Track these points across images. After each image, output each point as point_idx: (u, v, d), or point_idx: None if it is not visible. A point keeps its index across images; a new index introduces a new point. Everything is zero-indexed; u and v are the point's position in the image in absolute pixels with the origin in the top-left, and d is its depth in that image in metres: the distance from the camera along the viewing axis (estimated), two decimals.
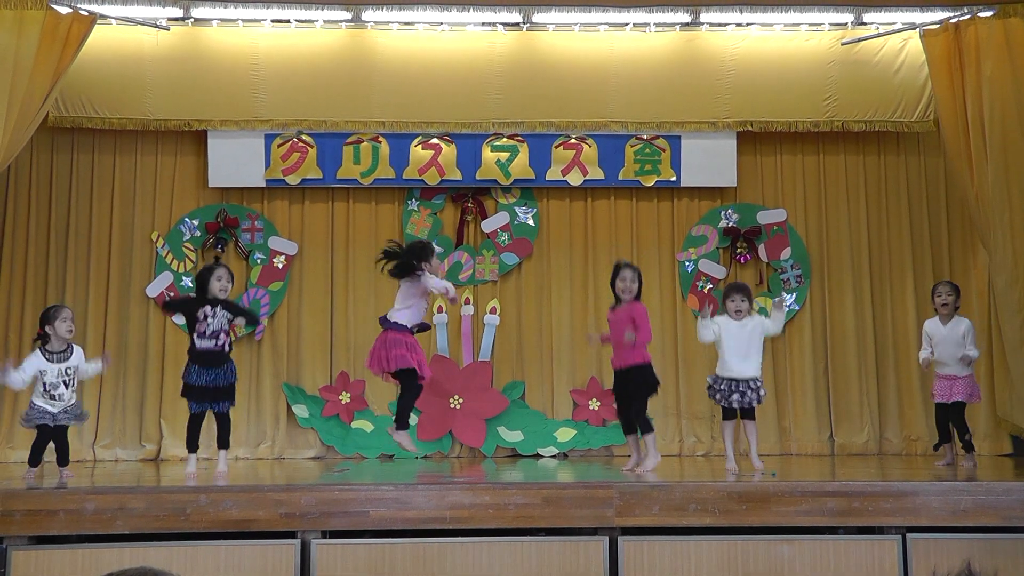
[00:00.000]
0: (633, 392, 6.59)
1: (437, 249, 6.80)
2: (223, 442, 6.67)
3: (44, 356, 6.59)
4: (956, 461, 7.20)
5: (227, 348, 6.60)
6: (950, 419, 7.15)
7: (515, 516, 5.44)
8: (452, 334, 8.87)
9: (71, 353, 6.68)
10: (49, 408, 6.57)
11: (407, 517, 5.43)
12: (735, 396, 6.62)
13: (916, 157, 9.08)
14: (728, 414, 6.73)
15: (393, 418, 6.76)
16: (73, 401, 6.70)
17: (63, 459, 6.68)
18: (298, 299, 8.83)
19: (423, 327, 6.75)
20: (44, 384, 6.55)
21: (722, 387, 6.67)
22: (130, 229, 8.73)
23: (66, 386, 6.59)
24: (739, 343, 6.64)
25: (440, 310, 8.80)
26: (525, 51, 8.74)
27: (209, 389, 6.53)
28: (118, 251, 8.68)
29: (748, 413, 6.71)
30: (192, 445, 6.67)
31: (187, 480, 6.19)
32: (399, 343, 6.43)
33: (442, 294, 6.59)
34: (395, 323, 6.48)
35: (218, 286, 6.57)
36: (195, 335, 6.53)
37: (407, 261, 6.50)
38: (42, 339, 6.66)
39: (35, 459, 6.68)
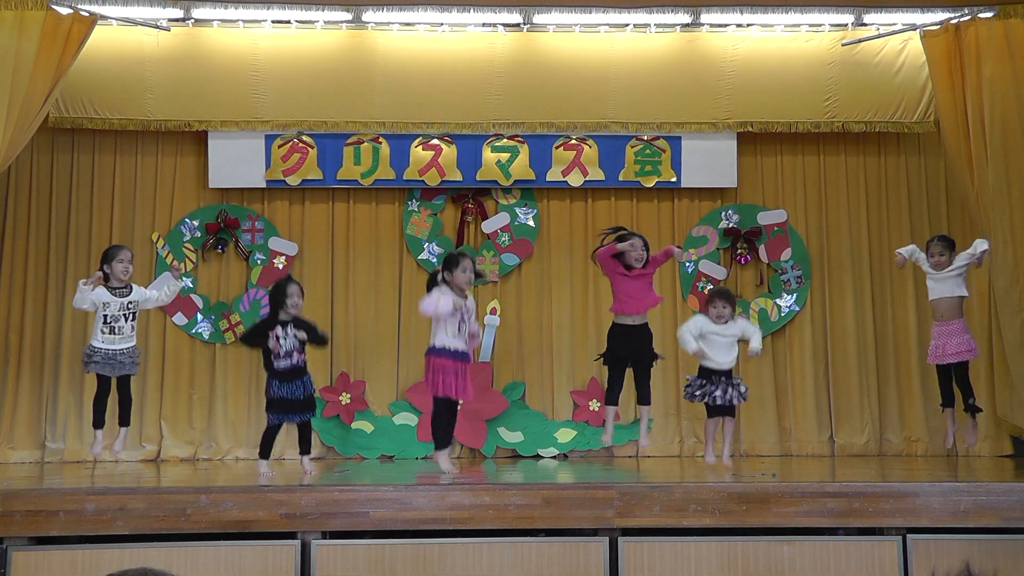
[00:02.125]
0: (643, 355, 6.70)
1: (463, 260, 6.54)
2: (306, 448, 6.83)
3: (107, 290, 6.76)
4: (957, 437, 7.21)
5: (302, 363, 6.65)
6: (954, 381, 7.16)
7: (515, 517, 5.44)
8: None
9: (131, 290, 6.87)
10: (111, 347, 6.66)
11: (407, 518, 5.43)
12: (717, 392, 6.69)
13: (916, 158, 9.08)
14: (711, 411, 6.83)
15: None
16: (133, 344, 6.83)
17: (125, 417, 6.77)
18: None
19: (444, 351, 6.52)
20: (106, 317, 6.70)
21: (701, 382, 6.75)
22: (130, 229, 8.72)
23: (127, 319, 6.69)
24: (722, 342, 6.77)
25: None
26: (525, 52, 8.74)
27: (288, 401, 6.59)
28: None
29: (729, 410, 6.81)
30: (265, 453, 6.68)
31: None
32: (428, 368, 6.50)
33: (428, 315, 6.53)
34: (431, 347, 6.50)
35: (290, 303, 6.60)
36: (272, 357, 6.57)
37: (432, 276, 6.61)
38: (104, 277, 6.84)
39: (99, 419, 6.75)
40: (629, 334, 6.73)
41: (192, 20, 8.44)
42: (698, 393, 6.77)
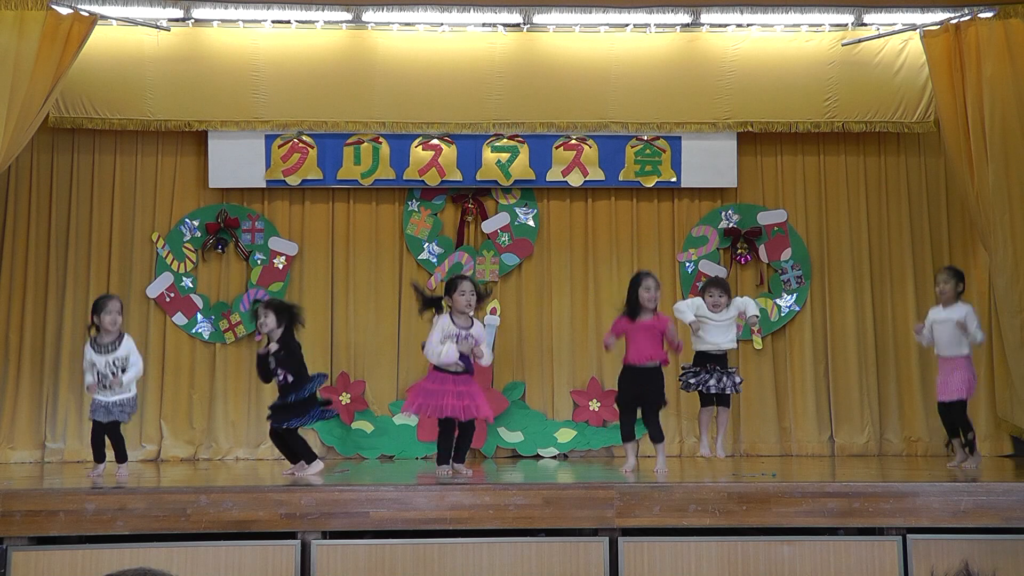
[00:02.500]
0: (652, 396, 6.63)
1: (462, 283, 6.61)
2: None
3: (93, 348, 6.62)
4: (966, 460, 7.14)
5: (285, 380, 6.63)
6: (951, 418, 7.11)
7: (515, 517, 5.44)
8: None
9: (119, 343, 6.66)
10: (102, 399, 6.56)
11: (407, 518, 5.43)
12: (712, 381, 6.71)
13: (916, 158, 9.08)
14: (705, 400, 6.85)
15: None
16: (131, 394, 6.66)
17: (121, 455, 6.70)
18: (298, 300, 8.74)
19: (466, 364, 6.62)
20: (97, 375, 6.56)
21: (696, 370, 6.77)
22: (130, 229, 8.73)
23: (114, 375, 6.56)
24: (719, 326, 6.83)
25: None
26: (525, 52, 8.74)
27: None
28: (118, 251, 8.68)
29: (723, 400, 6.83)
30: (308, 456, 6.71)
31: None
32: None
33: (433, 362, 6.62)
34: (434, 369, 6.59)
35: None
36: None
37: (429, 300, 6.67)
38: (96, 329, 6.69)
39: (97, 455, 6.66)
40: (636, 377, 6.65)
41: (192, 20, 8.44)
42: (692, 381, 6.80)
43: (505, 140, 8.77)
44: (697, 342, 6.88)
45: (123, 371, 6.57)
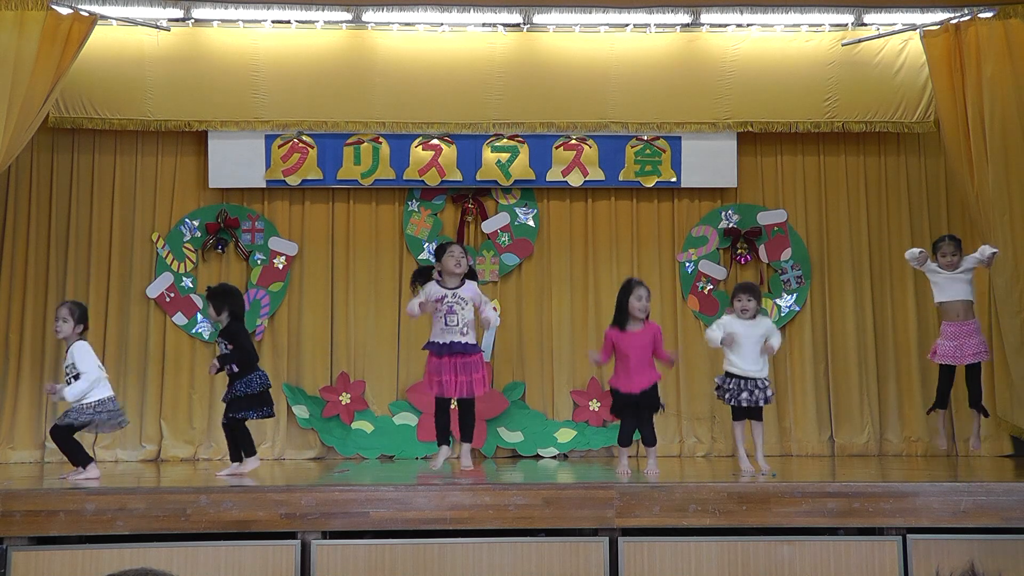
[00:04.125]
0: (647, 413, 6.63)
1: (451, 246, 6.65)
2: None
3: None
4: (943, 439, 7.18)
5: (230, 371, 6.71)
6: (967, 382, 7.08)
7: (515, 517, 5.44)
8: None
9: (67, 351, 6.63)
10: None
11: (407, 518, 5.43)
12: (744, 395, 6.61)
13: (916, 158, 9.08)
14: (737, 414, 6.74)
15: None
16: (105, 396, 6.52)
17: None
18: (298, 300, 8.83)
19: (430, 345, 6.65)
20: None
21: (730, 386, 6.65)
22: (130, 229, 8.73)
23: (67, 383, 6.51)
24: (748, 342, 6.62)
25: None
26: (525, 52, 8.74)
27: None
28: (118, 251, 8.68)
29: (755, 414, 6.71)
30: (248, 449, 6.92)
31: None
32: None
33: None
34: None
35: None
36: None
37: (419, 271, 6.73)
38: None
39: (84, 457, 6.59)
40: (632, 396, 6.60)
41: (192, 20, 8.44)
42: (727, 396, 6.70)
43: (505, 140, 8.77)
44: (727, 364, 6.71)
45: (75, 379, 6.46)
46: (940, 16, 8.24)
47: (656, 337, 6.58)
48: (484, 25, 8.65)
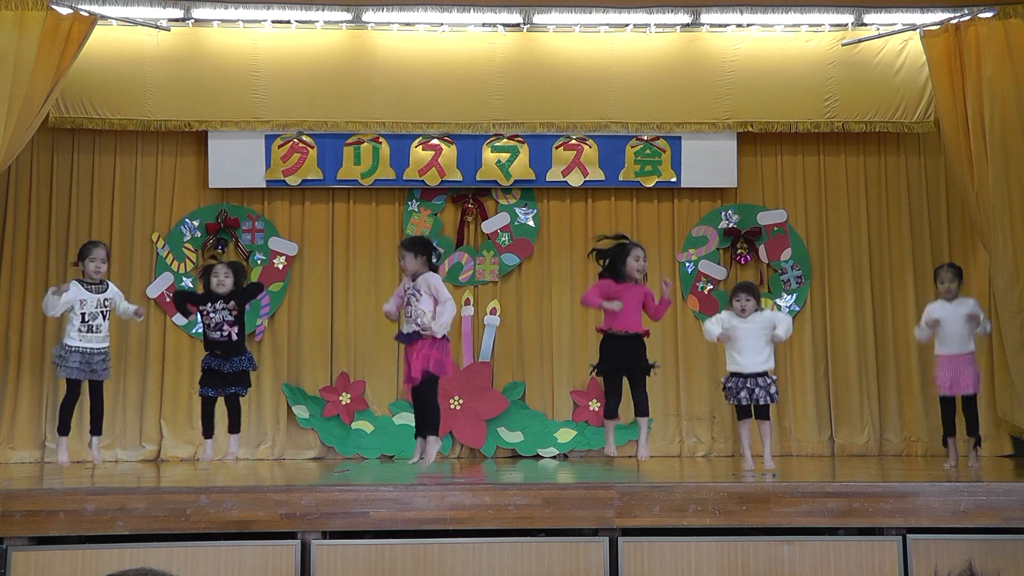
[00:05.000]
0: (640, 362, 6.57)
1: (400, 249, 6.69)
2: (232, 426, 7.04)
3: (83, 286, 6.59)
4: (958, 461, 7.10)
5: (235, 337, 6.79)
6: (963, 413, 7.06)
7: (515, 517, 5.44)
8: (452, 335, 8.83)
9: (107, 287, 6.73)
10: (86, 345, 6.50)
11: (407, 518, 5.43)
12: (743, 393, 6.63)
13: (916, 158, 9.08)
14: (741, 413, 6.75)
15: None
16: (108, 344, 6.66)
17: (97, 426, 6.63)
18: (298, 300, 8.83)
19: (397, 335, 6.68)
20: (83, 315, 6.51)
21: (730, 384, 6.68)
22: (130, 230, 8.73)
23: (104, 317, 6.55)
24: (746, 338, 6.65)
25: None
26: (525, 52, 8.74)
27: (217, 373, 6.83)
28: (118, 251, 8.67)
29: (761, 412, 6.71)
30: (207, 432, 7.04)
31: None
32: None
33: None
34: None
35: (215, 282, 6.79)
36: (205, 330, 6.86)
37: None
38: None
39: (65, 426, 6.57)
40: (622, 344, 6.56)
41: (192, 20, 8.44)
42: (728, 397, 6.74)
43: (505, 140, 8.77)
44: (729, 362, 6.73)
45: (108, 317, 6.65)
46: (940, 16, 8.24)
47: (648, 295, 6.61)
48: (484, 25, 8.65)
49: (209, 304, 6.77)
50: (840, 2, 8.51)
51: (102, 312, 6.58)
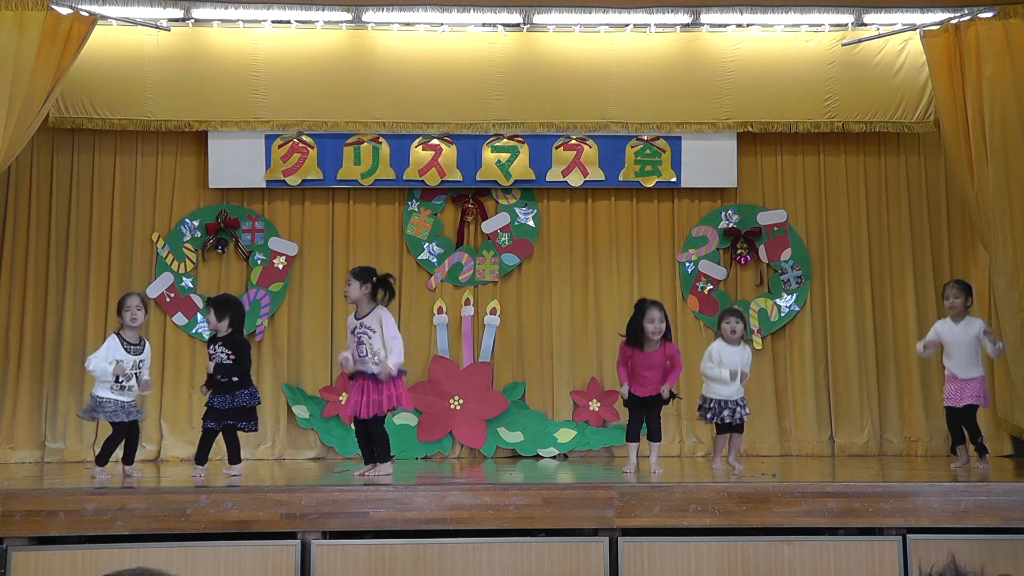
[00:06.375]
0: (656, 408, 6.75)
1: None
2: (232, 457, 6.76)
3: (121, 344, 6.50)
4: (971, 463, 7.08)
5: (230, 380, 6.53)
6: (961, 422, 7.06)
7: (515, 517, 5.44)
8: (452, 335, 8.87)
9: (143, 348, 6.62)
10: (120, 398, 6.41)
11: (407, 518, 5.43)
12: (725, 412, 6.83)
13: (916, 158, 9.08)
14: (722, 428, 6.97)
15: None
16: (135, 395, 6.57)
17: (130, 458, 6.59)
18: (298, 300, 8.82)
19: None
20: (117, 377, 6.38)
21: (712, 406, 6.86)
22: (130, 230, 8.73)
23: (136, 379, 6.50)
24: (732, 365, 6.84)
25: (440, 311, 8.80)
26: (525, 52, 8.74)
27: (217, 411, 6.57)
28: (118, 252, 8.68)
29: (736, 428, 6.95)
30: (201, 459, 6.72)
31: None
32: None
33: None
34: None
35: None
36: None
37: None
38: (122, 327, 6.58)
39: (106, 459, 6.51)
40: (645, 400, 6.73)
41: (192, 20, 8.44)
42: (708, 415, 6.90)
43: (505, 140, 8.77)
44: (708, 391, 6.90)
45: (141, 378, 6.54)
46: (940, 16, 8.24)
47: (674, 357, 6.72)
48: (484, 25, 8.65)
49: (211, 346, 6.61)
50: (840, 2, 8.51)
51: (136, 374, 6.52)
